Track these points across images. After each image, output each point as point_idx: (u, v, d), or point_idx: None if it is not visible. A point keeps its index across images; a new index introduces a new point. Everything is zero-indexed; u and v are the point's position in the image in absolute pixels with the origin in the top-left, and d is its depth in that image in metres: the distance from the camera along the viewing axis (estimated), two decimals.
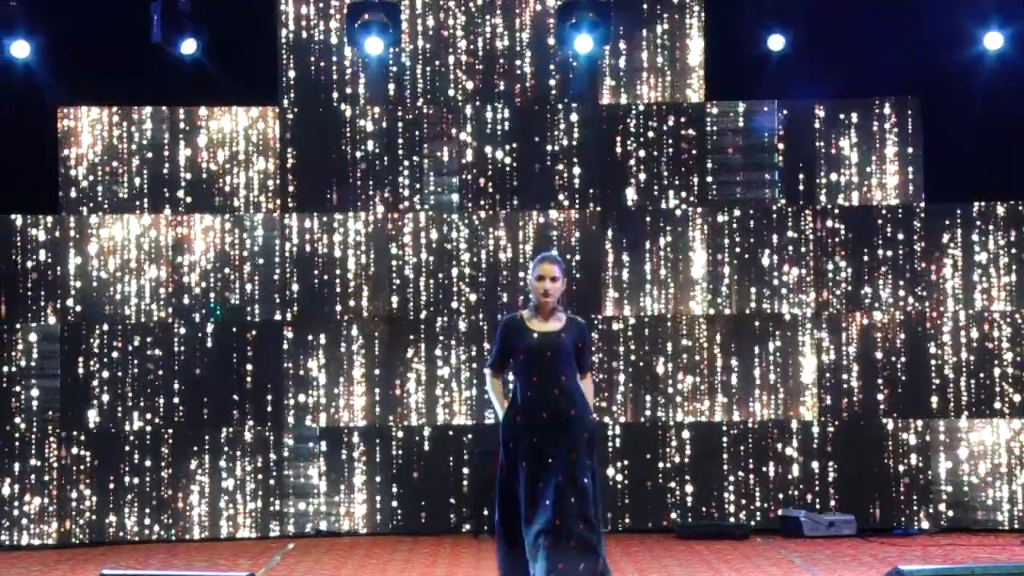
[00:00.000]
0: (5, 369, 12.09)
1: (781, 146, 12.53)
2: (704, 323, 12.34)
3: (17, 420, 12.04)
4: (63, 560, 10.93)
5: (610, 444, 12.12)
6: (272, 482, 12.16)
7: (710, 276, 12.42)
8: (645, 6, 12.56)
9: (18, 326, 12.13)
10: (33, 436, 12.01)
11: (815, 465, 12.15)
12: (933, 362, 12.23)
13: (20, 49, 11.69)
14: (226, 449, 12.15)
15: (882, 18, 12.08)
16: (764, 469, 12.18)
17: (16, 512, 11.92)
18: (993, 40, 11.86)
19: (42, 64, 11.99)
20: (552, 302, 7.86)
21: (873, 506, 12.08)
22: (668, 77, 12.59)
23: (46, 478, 11.96)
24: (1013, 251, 12.32)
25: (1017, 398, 12.15)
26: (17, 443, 11.98)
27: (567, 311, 7.95)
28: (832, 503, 12.08)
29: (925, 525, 12.02)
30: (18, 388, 12.06)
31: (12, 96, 12.07)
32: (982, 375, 12.20)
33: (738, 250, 12.42)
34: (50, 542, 11.85)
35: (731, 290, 12.42)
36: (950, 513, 12.07)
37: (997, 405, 12.16)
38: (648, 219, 12.44)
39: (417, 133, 12.54)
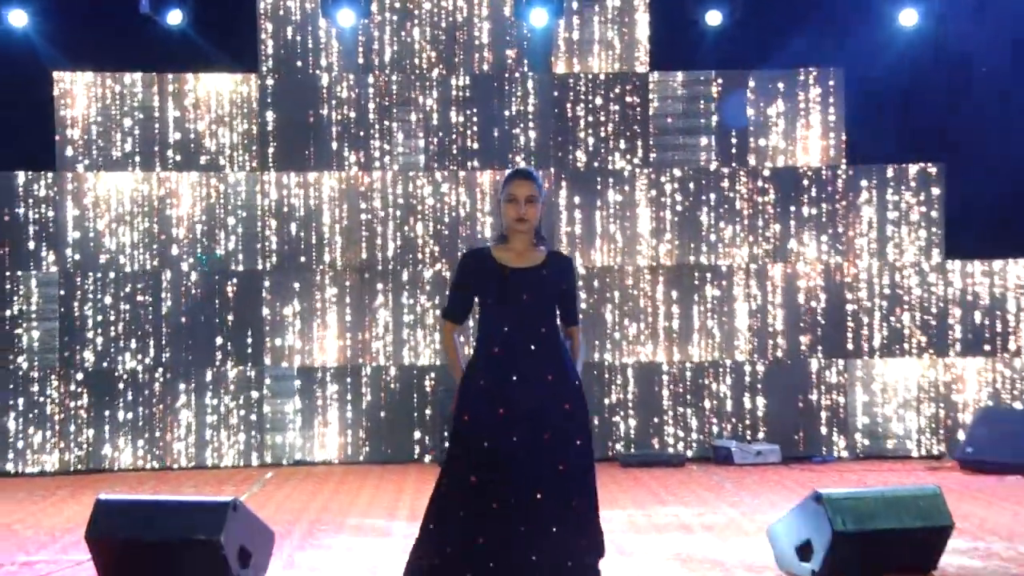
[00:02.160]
0: (8, 313, 12.19)
1: (716, 113, 12.77)
2: (648, 274, 12.59)
3: (20, 359, 12.14)
4: (63, 487, 11.02)
5: None
6: (253, 417, 12.31)
7: (653, 231, 12.65)
8: None
9: (20, 273, 12.22)
10: (35, 374, 12.12)
11: (746, 400, 12.49)
12: (850, 308, 12.54)
13: (18, 18, 11.87)
14: (211, 387, 12.28)
15: None
16: (700, 404, 12.47)
17: (20, 443, 12.05)
18: (908, 17, 12.19)
19: (39, 32, 12.09)
20: (528, 232, 5.75)
21: (796, 437, 12.39)
22: (617, 49, 12.77)
23: (48, 412, 12.08)
24: (923, 209, 12.63)
25: (924, 339, 12.53)
26: (20, 380, 12.08)
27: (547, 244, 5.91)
28: (760, 434, 12.39)
29: (843, 454, 12.37)
30: (20, 330, 12.17)
31: (11, 62, 12.13)
32: (893, 319, 12.54)
33: (679, 208, 12.65)
34: (51, 470, 12.00)
35: (672, 244, 12.65)
36: (865, 443, 12.43)
37: (907, 346, 12.52)
38: (598, 179, 12.66)
39: (386, 99, 12.66)
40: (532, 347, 5.64)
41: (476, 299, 5.83)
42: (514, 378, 5.61)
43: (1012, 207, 12.62)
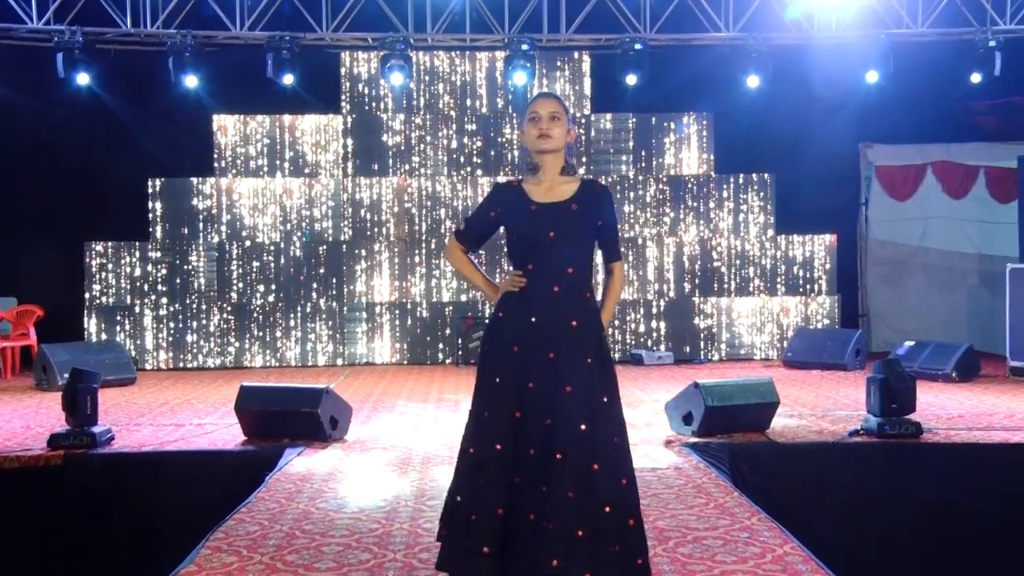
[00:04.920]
0: (187, 267, 12.12)
1: (633, 141, 12.71)
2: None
3: (193, 297, 12.12)
4: (219, 378, 11.01)
5: None
6: (337, 334, 12.25)
7: None
8: (557, 57, 12.65)
9: (192, 243, 12.16)
10: (203, 307, 12.11)
11: (652, 323, 12.43)
12: (718, 264, 12.50)
13: (191, 81, 11.74)
14: (310, 315, 12.22)
15: (694, 66, 12.26)
16: (624, 326, 12.39)
17: (195, 350, 12.02)
18: (753, 81, 12.10)
19: (204, 90, 11.99)
20: (554, 151, 3.45)
21: (684, 347, 12.37)
22: (570, 100, 12.69)
23: (210, 330, 12.06)
24: (761, 203, 12.60)
25: (763, 285, 12.50)
26: (194, 311, 12.06)
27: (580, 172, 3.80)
28: (661, 346, 12.36)
29: (713, 357, 12.36)
30: (192, 279, 12.13)
31: (186, 109, 12.06)
32: (744, 272, 12.53)
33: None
34: (213, 366, 12.01)
35: None
36: (727, 350, 12.43)
37: (752, 288, 12.52)
38: None
39: (422, 130, 12.56)
40: (556, 288, 3.39)
41: (496, 231, 3.62)
42: (533, 320, 3.37)
43: (816, 202, 12.61)
